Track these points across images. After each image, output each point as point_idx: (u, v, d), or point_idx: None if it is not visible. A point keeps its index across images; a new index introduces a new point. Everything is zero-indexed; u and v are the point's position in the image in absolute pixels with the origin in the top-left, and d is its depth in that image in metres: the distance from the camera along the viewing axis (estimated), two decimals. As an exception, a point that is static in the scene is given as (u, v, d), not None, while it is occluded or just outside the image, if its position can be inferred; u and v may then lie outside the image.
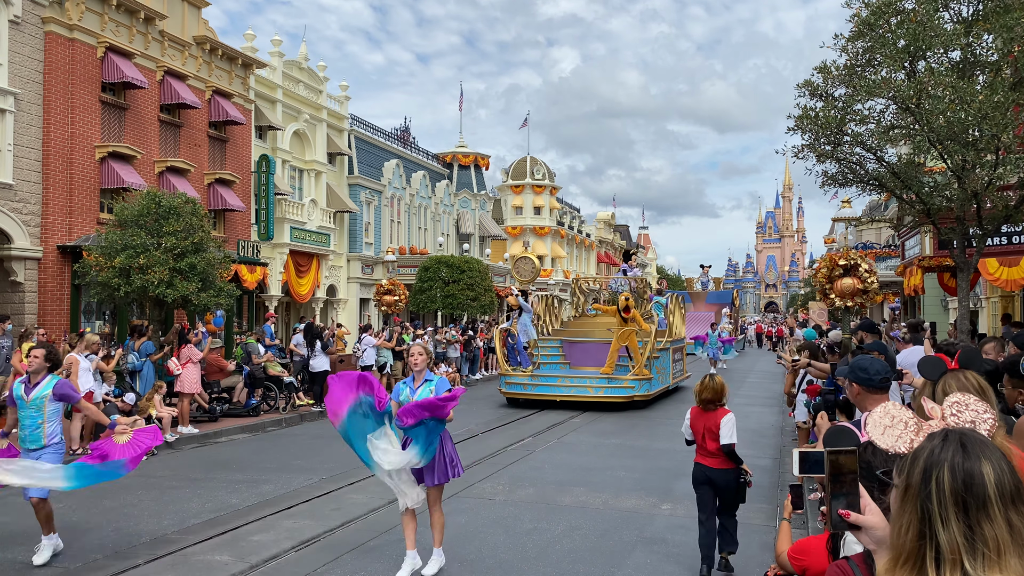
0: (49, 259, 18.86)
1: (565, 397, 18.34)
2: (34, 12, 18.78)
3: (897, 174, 14.58)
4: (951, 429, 1.60)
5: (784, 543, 3.46)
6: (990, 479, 1.48)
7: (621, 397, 18.16)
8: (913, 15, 13.15)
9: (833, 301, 16.75)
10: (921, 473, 1.52)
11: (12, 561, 7.17)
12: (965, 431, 1.58)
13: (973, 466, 1.49)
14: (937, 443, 1.56)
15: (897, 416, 1.72)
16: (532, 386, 18.90)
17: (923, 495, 1.50)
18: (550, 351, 20.73)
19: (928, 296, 26.71)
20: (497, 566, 7.03)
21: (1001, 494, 1.47)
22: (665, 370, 20.60)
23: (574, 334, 21.04)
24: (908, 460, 1.58)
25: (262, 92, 27.70)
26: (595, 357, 19.60)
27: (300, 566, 7.03)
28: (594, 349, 19.81)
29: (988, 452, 1.52)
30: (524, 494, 9.78)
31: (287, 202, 27.98)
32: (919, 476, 1.52)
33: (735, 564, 6.83)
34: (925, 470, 1.52)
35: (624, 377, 18.39)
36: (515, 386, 19.15)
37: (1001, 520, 1.46)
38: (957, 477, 1.49)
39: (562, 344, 20.75)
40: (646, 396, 18.48)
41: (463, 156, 46.50)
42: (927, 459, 1.54)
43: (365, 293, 33.98)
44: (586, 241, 62.51)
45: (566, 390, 18.54)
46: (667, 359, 20.82)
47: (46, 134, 18.98)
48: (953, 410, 1.81)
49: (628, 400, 18.15)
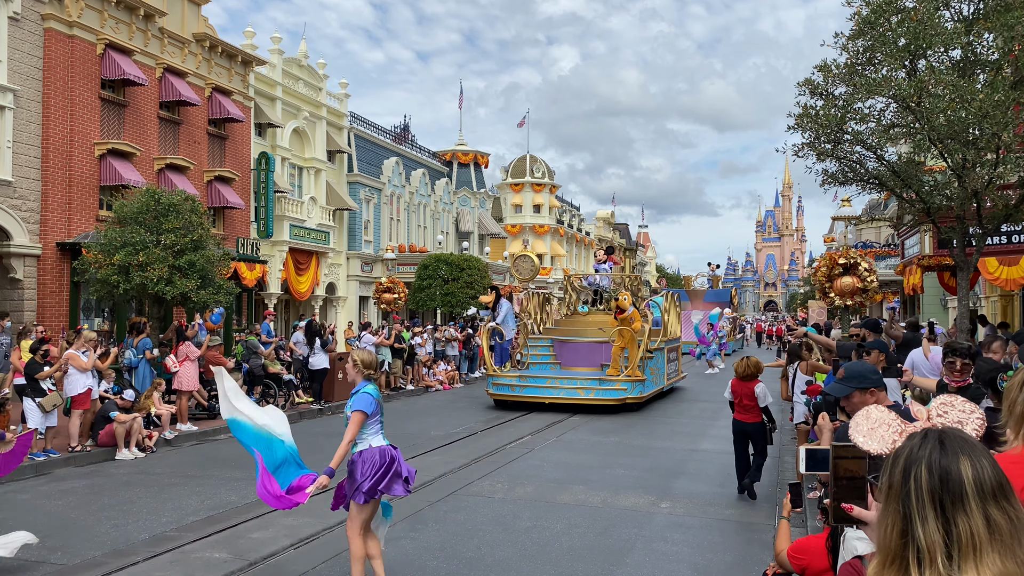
0: (48, 256, 18.84)
1: (554, 399, 17.74)
2: (34, 9, 18.75)
3: (897, 173, 14.57)
4: (932, 428, 1.60)
5: (783, 542, 3.45)
6: (967, 475, 1.47)
7: (613, 400, 17.54)
8: (914, 13, 13.13)
9: (833, 300, 16.75)
10: (901, 472, 1.52)
11: (12, 557, 7.15)
12: (946, 430, 1.58)
13: (950, 463, 1.49)
14: (916, 442, 1.56)
15: (880, 418, 1.72)
16: (520, 387, 18.21)
17: (903, 494, 1.50)
18: (540, 351, 20.16)
19: (928, 295, 26.72)
20: (496, 564, 7.02)
21: (980, 490, 1.46)
22: (659, 371, 19.95)
23: (565, 333, 20.44)
24: (890, 460, 1.58)
25: (262, 89, 27.68)
26: (586, 357, 19.09)
27: (299, 564, 7.02)
28: (585, 349, 19.31)
29: (968, 448, 1.52)
30: (523, 492, 9.78)
31: (286, 200, 27.96)
32: (899, 475, 1.52)
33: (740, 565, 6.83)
34: (905, 469, 1.52)
35: (616, 378, 17.77)
36: (503, 387, 18.48)
37: (978, 515, 1.44)
38: (934, 474, 1.48)
39: (553, 343, 20.18)
40: (639, 399, 17.92)
41: (463, 154, 46.47)
42: (907, 458, 1.54)
43: (364, 291, 33.98)
44: (586, 239, 62.50)
45: (556, 392, 17.94)
46: (662, 359, 20.17)
47: (45, 131, 18.96)
48: (939, 411, 1.81)
49: (620, 403, 17.56)
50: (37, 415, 11.24)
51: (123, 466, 11.54)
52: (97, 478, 10.64)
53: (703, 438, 14.33)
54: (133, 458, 11.92)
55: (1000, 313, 22.02)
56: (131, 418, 12.15)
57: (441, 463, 11.60)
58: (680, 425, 16.04)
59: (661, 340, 20.02)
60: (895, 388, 7.05)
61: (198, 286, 15.56)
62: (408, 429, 14.83)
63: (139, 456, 12.06)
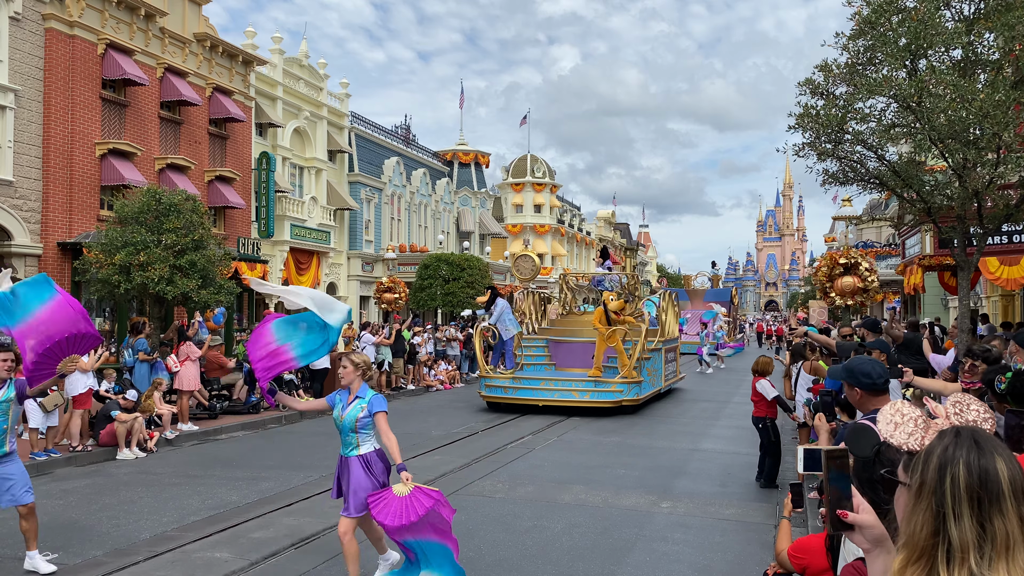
0: (49, 256, 18.85)
1: (548, 402, 17.23)
2: (35, 9, 18.76)
3: (898, 172, 14.57)
4: (962, 426, 1.60)
5: (784, 541, 3.46)
6: (1004, 475, 1.49)
7: (608, 402, 16.99)
8: (914, 13, 13.13)
9: (833, 300, 16.76)
10: (936, 470, 1.52)
11: (13, 558, 7.17)
12: (975, 428, 1.59)
13: (988, 463, 1.50)
14: (950, 440, 1.56)
15: (907, 414, 1.73)
16: (514, 389, 17.69)
17: (939, 492, 1.50)
18: (535, 351, 19.76)
19: (928, 295, 26.70)
20: (497, 564, 7.03)
21: (1014, 490, 1.48)
22: (657, 372, 19.41)
23: (560, 333, 20.06)
24: (921, 458, 1.57)
25: (262, 89, 27.69)
26: (582, 358, 18.57)
27: (300, 563, 7.03)
28: (581, 349, 18.81)
29: (1000, 449, 1.53)
30: (524, 492, 9.79)
31: (287, 199, 27.96)
32: (934, 473, 1.52)
33: (733, 564, 6.83)
34: (940, 467, 1.52)
35: (612, 380, 17.24)
36: (495, 389, 17.93)
37: (1013, 516, 1.46)
38: (973, 473, 1.49)
39: (548, 344, 19.79)
40: (635, 401, 17.39)
41: (463, 154, 46.49)
42: (941, 456, 1.53)
43: (365, 291, 33.99)
44: (586, 239, 62.51)
45: (549, 394, 17.38)
46: (659, 360, 19.60)
47: (46, 131, 18.97)
48: (956, 409, 1.81)
49: (616, 405, 17.00)
50: (38, 415, 11.25)
51: (124, 466, 11.56)
52: (98, 478, 10.66)
53: (704, 438, 14.33)
54: (134, 458, 11.93)
55: (1001, 313, 22.03)
56: (132, 418, 12.16)
57: (442, 463, 11.61)
58: (681, 425, 16.04)
59: (659, 340, 19.57)
60: (896, 389, 7.05)
61: (199, 286, 15.58)
62: (409, 429, 14.84)
63: (140, 456, 12.07)
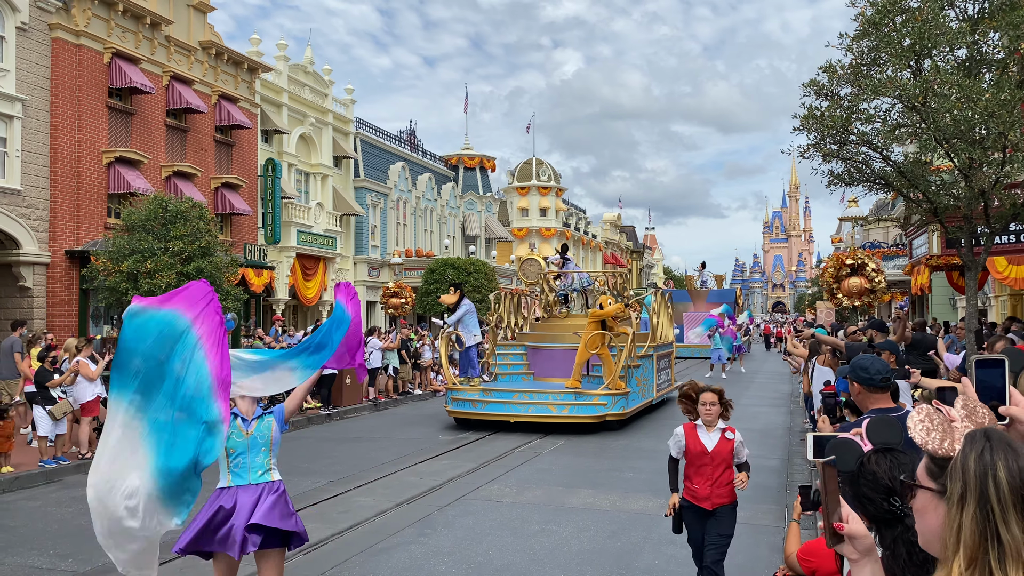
0: (57, 264, 18.94)
1: (521, 417, 14.84)
2: (41, 19, 18.88)
3: (904, 173, 14.52)
4: (990, 429, 1.61)
5: (793, 544, 3.45)
6: None
7: (590, 417, 14.70)
8: (919, 13, 13.11)
9: (841, 300, 16.71)
10: (977, 476, 1.53)
11: (23, 565, 7.20)
12: (1000, 431, 1.60)
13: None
14: (983, 444, 1.56)
15: (936, 418, 1.74)
16: (483, 403, 15.32)
17: (983, 498, 1.51)
18: (512, 359, 17.56)
19: (936, 295, 26.63)
20: (505, 568, 7.02)
21: None
22: (647, 381, 17.13)
23: (540, 339, 17.76)
24: (957, 465, 1.57)
25: (268, 96, 27.79)
26: (563, 367, 16.13)
27: (309, 569, 7.03)
28: (562, 357, 16.49)
29: None
30: (532, 496, 9.78)
31: (293, 205, 28.04)
32: (975, 478, 1.53)
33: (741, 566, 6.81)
34: (981, 473, 1.53)
35: (594, 392, 14.99)
36: (463, 403, 15.51)
37: None
38: (1015, 475, 1.50)
39: (526, 351, 17.63)
40: (621, 415, 15.02)
41: (468, 158, 46.55)
42: (979, 461, 1.54)
43: (372, 296, 34.04)
44: (592, 242, 62.48)
45: (523, 408, 14.97)
46: (650, 368, 17.31)
47: (53, 140, 19.08)
48: (965, 411, 1.81)
49: (598, 420, 14.71)
50: (47, 423, 11.29)
51: (133, 473, 11.56)
52: (107, 485, 10.67)
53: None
54: (143, 465, 11.94)
55: (1010, 312, 21.94)
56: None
57: (450, 467, 11.61)
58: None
59: (649, 346, 17.14)
60: (906, 390, 7.03)
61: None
62: (415, 434, 14.85)
63: (149, 463, 12.08)
